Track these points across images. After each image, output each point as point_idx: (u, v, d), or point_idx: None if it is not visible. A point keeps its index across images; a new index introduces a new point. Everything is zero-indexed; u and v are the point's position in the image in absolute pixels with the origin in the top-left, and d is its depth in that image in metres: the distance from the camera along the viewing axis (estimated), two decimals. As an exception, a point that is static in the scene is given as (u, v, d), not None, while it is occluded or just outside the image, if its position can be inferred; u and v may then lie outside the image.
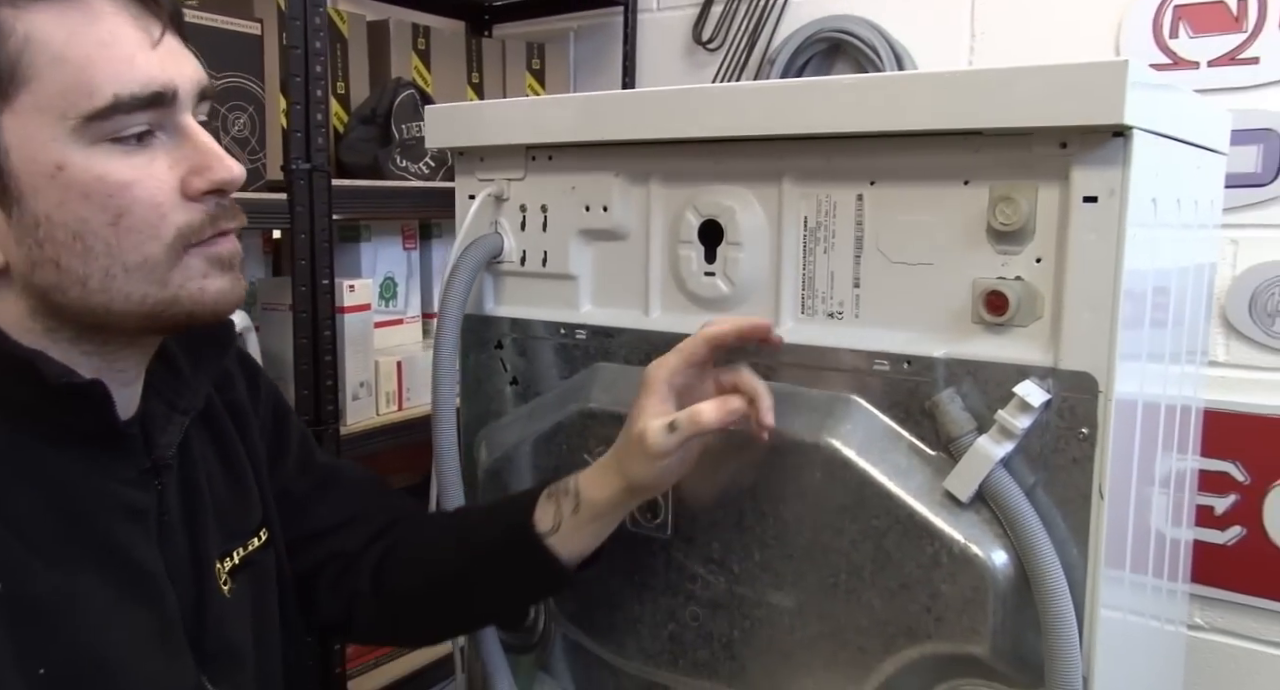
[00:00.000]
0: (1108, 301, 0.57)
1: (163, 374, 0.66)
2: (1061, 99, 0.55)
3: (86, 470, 0.60)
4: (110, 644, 0.59)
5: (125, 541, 0.61)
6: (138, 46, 0.54)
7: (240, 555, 0.70)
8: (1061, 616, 0.58)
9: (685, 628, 0.72)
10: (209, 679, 0.65)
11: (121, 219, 0.54)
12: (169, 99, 0.54)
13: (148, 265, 0.55)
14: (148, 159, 0.54)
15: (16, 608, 0.55)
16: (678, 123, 0.69)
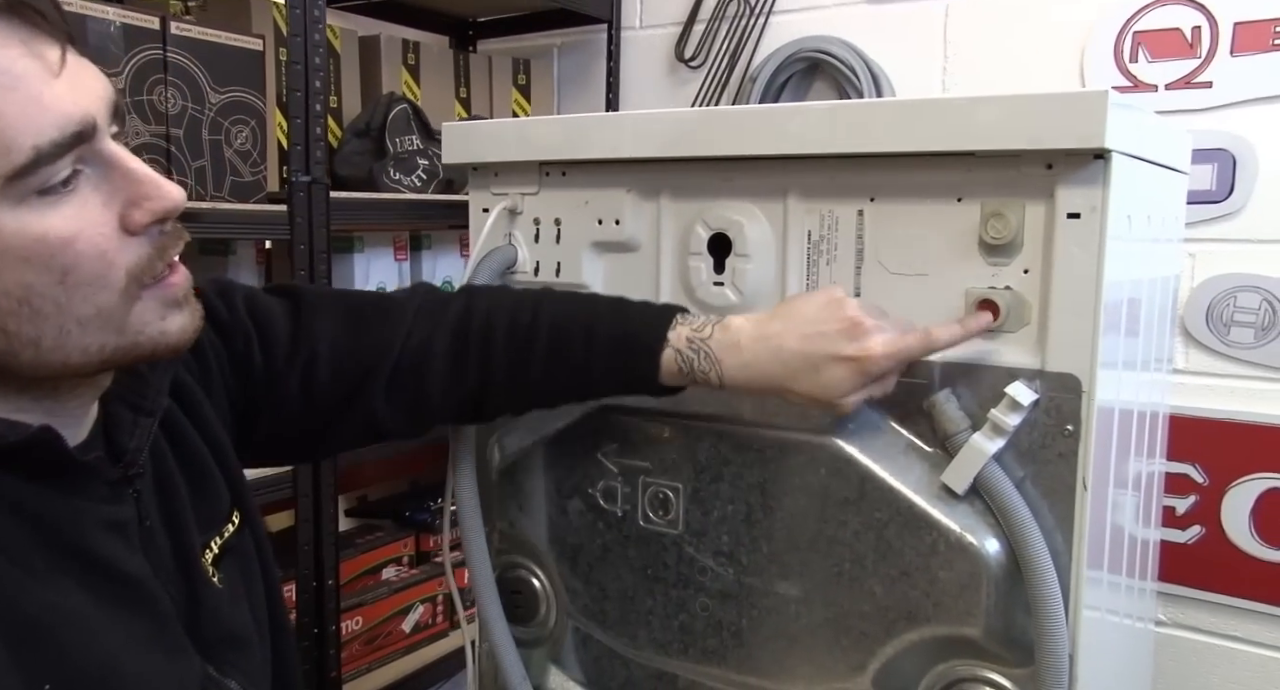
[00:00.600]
0: (1090, 309, 0.63)
1: (121, 378, 0.63)
2: (1048, 124, 0.61)
3: (60, 495, 0.58)
4: (110, 653, 0.59)
5: (109, 555, 0.60)
6: (41, 82, 0.48)
7: (219, 544, 0.69)
8: (1050, 598, 0.63)
9: (695, 617, 0.76)
10: (215, 669, 0.66)
11: (68, 276, 0.51)
12: (89, 133, 0.50)
13: (102, 315, 0.53)
14: (80, 204, 0.51)
15: (13, 628, 0.54)
16: (689, 142, 0.74)
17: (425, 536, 1.59)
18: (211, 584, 0.67)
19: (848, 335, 0.66)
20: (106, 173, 0.51)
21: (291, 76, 1.19)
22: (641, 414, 0.77)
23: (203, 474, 0.69)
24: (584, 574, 0.82)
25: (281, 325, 0.73)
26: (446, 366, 0.74)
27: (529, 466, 0.83)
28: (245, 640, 0.69)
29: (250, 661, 0.69)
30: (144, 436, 0.62)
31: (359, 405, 0.74)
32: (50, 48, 0.48)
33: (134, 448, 0.62)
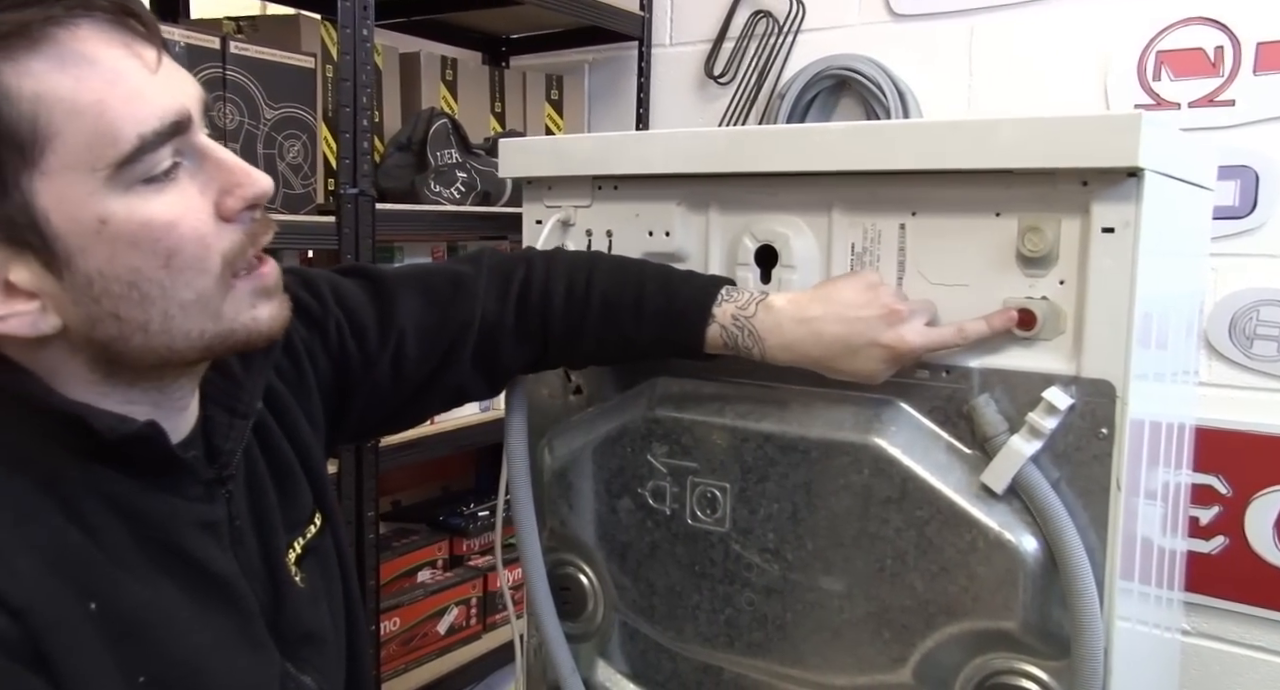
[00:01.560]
0: (1124, 318, 0.66)
1: (218, 381, 0.66)
2: (1084, 144, 0.65)
3: (157, 493, 0.61)
4: (198, 648, 0.62)
5: (201, 554, 0.63)
6: (142, 78, 0.52)
7: (301, 544, 0.72)
8: (1085, 593, 0.66)
9: (741, 612, 0.80)
10: (293, 665, 0.69)
11: (172, 259, 0.54)
12: (185, 124, 0.53)
13: (201, 300, 0.56)
14: (180, 192, 0.54)
15: (112, 623, 0.57)
16: (739, 158, 0.78)
17: (459, 540, 1.63)
18: (294, 584, 0.70)
19: (886, 321, 0.70)
20: (201, 163, 0.55)
21: (341, 93, 1.24)
22: (690, 417, 0.81)
23: (289, 477, 0.72)
24: (632, 570, 0.85)
25: (367, 310, 0.77)
26: (515, 336, 0.79)
27: (579, 468, 0.87)
28: (322, 639, 0.71)
29: (326, 659, 0.71)
30: (238, 439, 0.65)
31: (448, 377, 0.79)
32: (147, 49, 0.52)
33: (228, 449, 0.65)
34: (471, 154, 1.52)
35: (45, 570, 0.54)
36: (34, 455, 0.56)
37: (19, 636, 0.52)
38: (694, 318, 0.75)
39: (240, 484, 0.68)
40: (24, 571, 0.53)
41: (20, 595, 0.52)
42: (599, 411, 0.88)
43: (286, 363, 0.73)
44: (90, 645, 0.56)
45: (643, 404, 0.84)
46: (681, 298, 0.76)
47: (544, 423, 0.91)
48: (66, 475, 0.57)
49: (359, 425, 0.80)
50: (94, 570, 0.57)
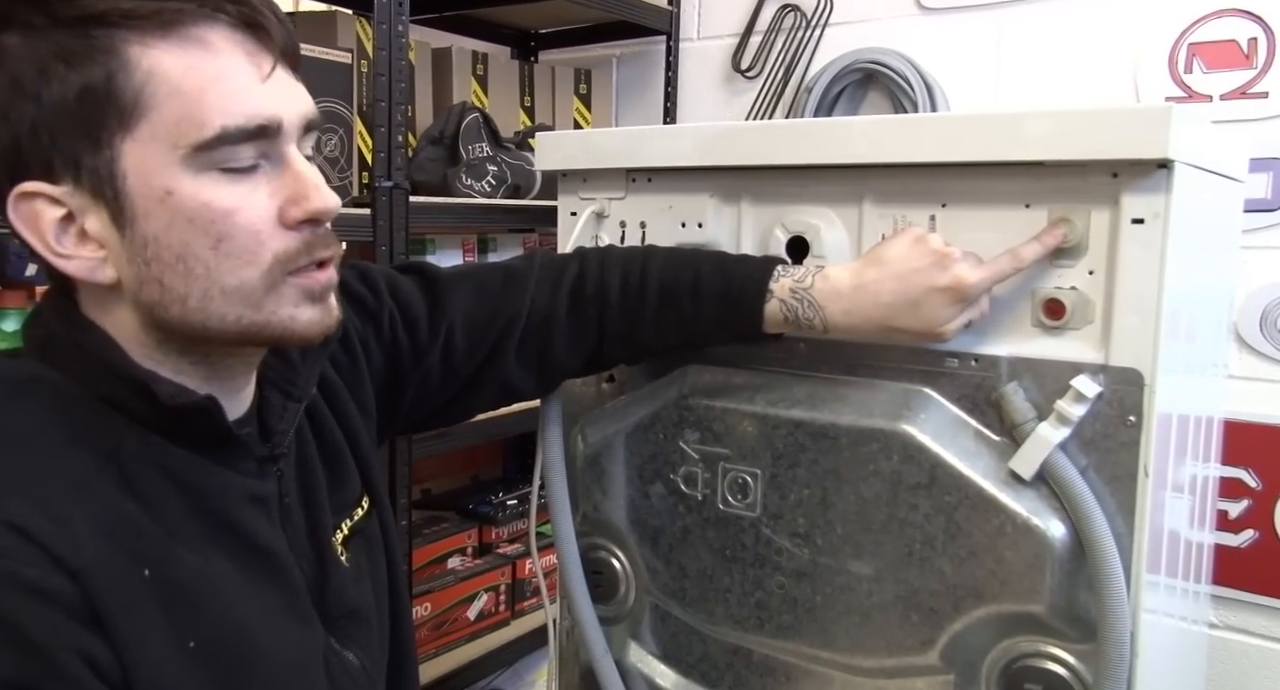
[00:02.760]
0: (1152, 307, 0.67)
1: (276, 365, 0.69)
2: (1115, 136, 0.66)
3: (211, 465, 0.64)
4: (246, 617, 0.64)
5: (251, 527, 0.66)
6: (248, 80, 0.56)
7: (349, 526, 0.75)
8: (1112, 577, 0.67)
9: (771, 595, 0.82)
10: (337, 641, 0.71)
11: (222, 244, 0.57)
12: (273, 131, 0.57)
13: (244, 290, 0.58)
14: (250, 188, 0.57)
15: (164, 590, 0.59)
16: (771, 151, 0.79)
17: (488, 528, 1.65)
18: (339, 562, 0.73)
19: (939, 266, 0.71)
20: (281, 171, 0.58)
21: (377, 87, 1.27)
22: (721, 405, 0.83)
23: (339, 461, 0.75)
24: (664, 554, 0.87)
25: (420, 304, 0.79)
26: (569, 329, 0.80)
27: (612, 454, 0.89)
28: (365, 617, 0.74)
29: (368, 637, 0.74)
30: (291, 420, 0.68)
31: (494, 369, 0.80)
32: (266, 60, 0.56)
33: (281, 429, 0.68)
34: (502, 148, 1.55)
35: (102, 537, 0.57)
36: (96, 428, 0.59)
37: (77, 596, 0.55)
38: (752, 294, 0.76)
39: (291, 464, 0.71)
40: (82, 537, 0.56)
41: (77, 558, 0.55)
42: (631, 399, 0.90)
43: (341, 352, 0.76)
44: (144, 609, 0.58)
45: (675, 391, 0.86)
46: (738, 277, 0.77)
47: (576, 410, 0.93)
48: (126, 447, 0.60)
49: (411, 416, 0.82)
50: (148, 539, 0.60)
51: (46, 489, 0.56)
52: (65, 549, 0.55)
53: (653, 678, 0.90)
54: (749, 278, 0.77)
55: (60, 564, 0.54)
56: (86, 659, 0.55)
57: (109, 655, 0.56)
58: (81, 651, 0.55)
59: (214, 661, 0.62)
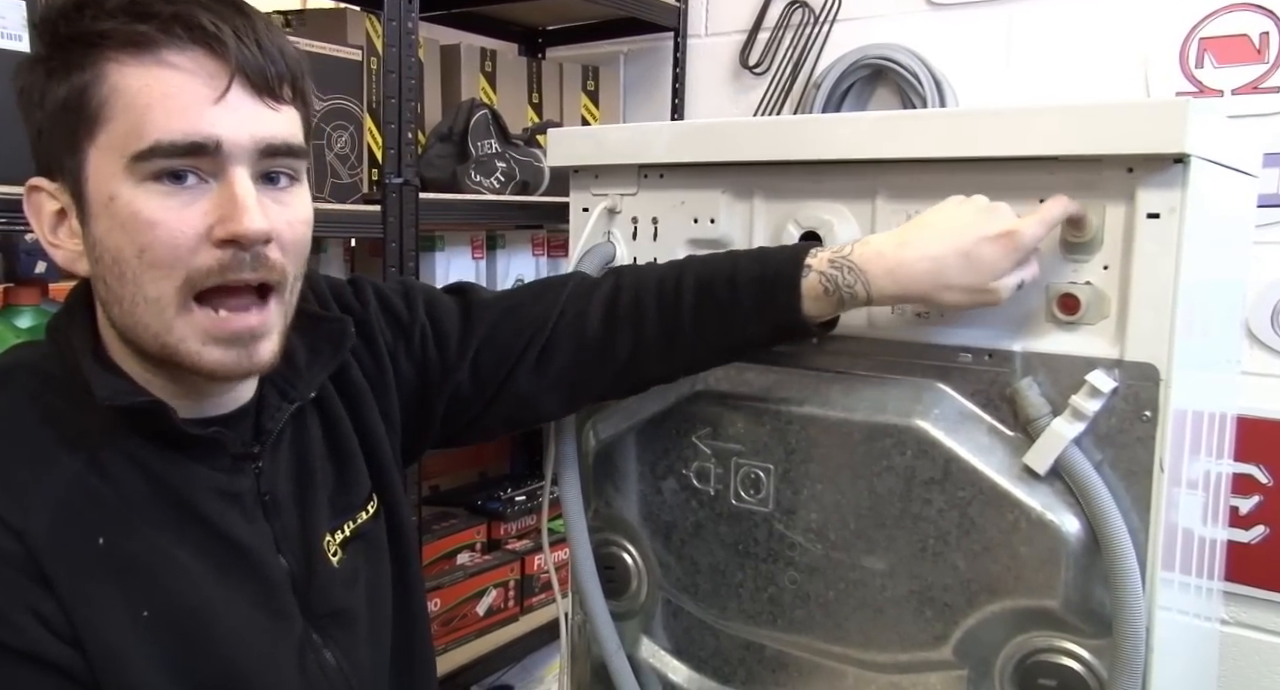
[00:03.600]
0: (1168, 302, 0.67)
1: (282, 367, 0.69)
2: (1130, 131, 0.66)
3: (179, 459, 0.66)
4: (209, 600, 0.66)
5: (221, 521, 0.67)
6: (196, 100, 0.58)
7: (351, 528, 0.76)
8: (1127, 572, 0.67)
9: (784, 590, 0.82)
10: (319, 638, 0.72)
11: (145, 253, 0.59)
12: (210, 149, 0.58)
13: (160, 303, 0.60)
14: (184, 202, 0.59)
15: (118, 559, 0.63)
16: (785, 147, 0.79)
17: (496, 524, 1.65)
18: (328, 562, 0.73)
19: (989, 217, 0.69)
20: (221, 189, 0.59)
21: (386, 84, 1.27)
22: (734, 400, 0.83)
23: (348, 463, 0.76)
24: (676, 549, 0.87)
25: (454, 320, 0.81)
26: (600, 340, 0.79)
27: (624, 450, 0.89)
28: (351, 619, 0.74)
29: (352, 638, 0.74)
30: (279, 420, 0.70)
31: (517, 383, 0.80)
32: (222, 80, 0.59)
33: (268, 428, 0.70)
34: (510, 144, 1.55)
35: (57, 506, 0.61)
36: (70, 415, 0.63)
37: (23, 555, 0.59)
38: (788, 273, 0.73)
39: (280, 461, 0.72)
40: (34, 504, 0.60)
41: (24, 521, 0.60)
42: (643, 395, 0.90)
43: (370, 361, 0.78)
44: (95, 575, 0.62)
45: (687, 387, 0.86)
46: (774, 259, 0.75)
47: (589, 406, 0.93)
48: (93, 434, 0.63)
49: (446, 430, 0.83)
50: (106, 510, 0.63)
51: (8, 464, 0.61)
52: (14, 513, 0.59)
53: (665, 673, 0.91)
54: (785, 259, 0.75)
55: (6, 525, 0.59)
56: (35, 612, 0.60)
57: (57, 612, 0.60)
58: (30, 605, 0.60)
59: (168, 634, 0.64)
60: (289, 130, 0.62)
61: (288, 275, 0.63)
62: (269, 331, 0.63)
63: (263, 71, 0.60)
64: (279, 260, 0.62)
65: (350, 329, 0.75)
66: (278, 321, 0.64)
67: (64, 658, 0.61)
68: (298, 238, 0.64)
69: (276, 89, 0.61)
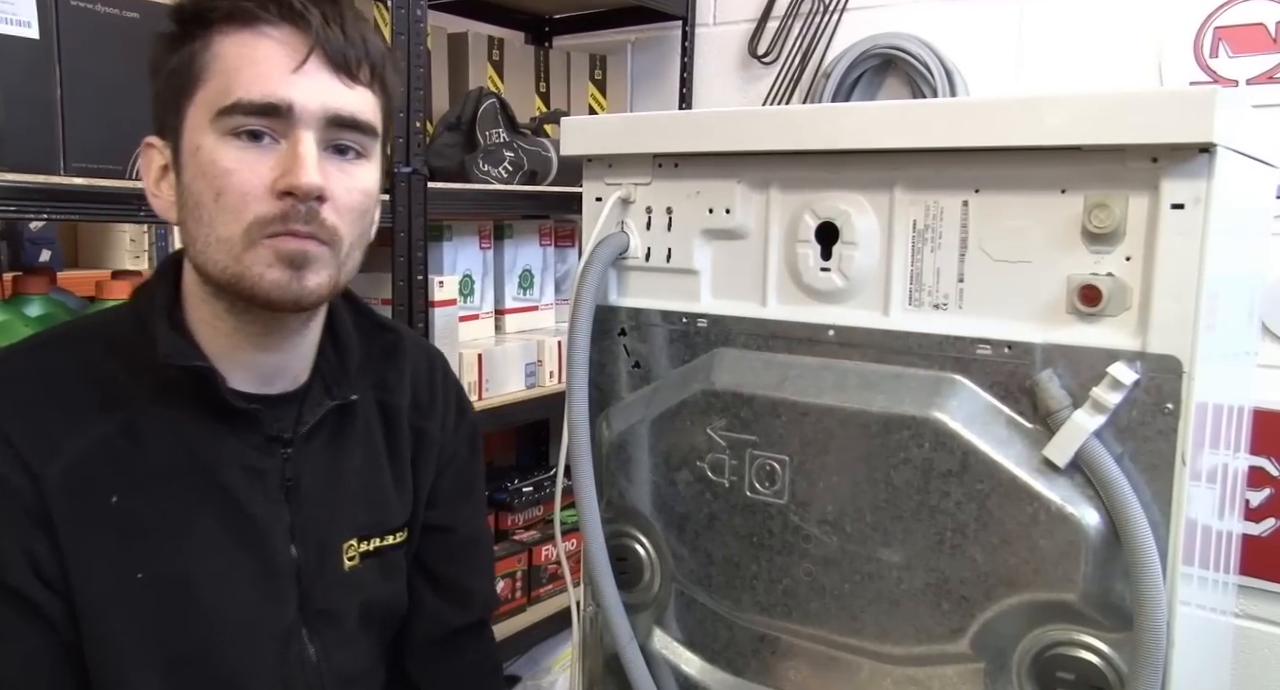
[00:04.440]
0: (1192, 294, 0.66)
1: (332, 363, 0.78)
2: (1156, 120, 0.65)
3: (216, 429, 0.71)
4: (205, 571, 0.70)
5: (241, 494, 0.72)
6: (279, 68, 0.66)
7: (376, 543, 0.80)
8: (1149, 565, 0.67)
9: (799, 582, 0.81)
10: (307, 631, 0.75)
11: (219, 197, 0.66)
12: (282, 111, 0.65)
13: (229, 241, 0.66)
14: (257, 156, 0.66)
15: (127, 519, 0.68)
16: (803, 137, 0.78)
17: (504, 515, 1.65)
18: (338, 565, 0.77)
19: None
20: (288, 148, 0.66)
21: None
22: (749, 392, 0.82)
23: (398, 488, 0.82)
24: (690, 541, 0.87)
25: (450, 487, 0.89)
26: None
27: (637, 442, 0.89)
28: (341, 621, 0.78)
29: (339, 641, 0.77)
30: (318, 413, 0.75)
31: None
32: (303, 51, 0.66)
33: (305, 419, 0.74)
34: (518, 133, 1.54)
35: (80, 459, 0.67)
36: (118, 378, 0.70)
37: (34, 498, 0.65)
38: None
39: (313, 454, 0.75)
40: (58, 454, 0.66)
41: (40, 462, 0.65)
42: (658, 386, 0.90)
43: (438, 432, 0.87)
44: (100, 529, 0.67)
45: (702, 377, 0.85)
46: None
47: (602, 398, 0.93)
48: (137, 400, 0.69)
49: None
50: (127, 472, 0.68)
51: (47, 412, 0.67)
52: (35, 457, 0.65)
53: (678, 664, 0.90)
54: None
55: (26, 467, 0.65)
56: (30, 554, 0.65)
57: (52, 558, 0.65)
58: (27, 546, 0.65)
59: (156, 599, 0.68)
60: (359, 106, 0.68)
61: (341, 237, 0.69)
62: (319, 265, 0.68)
63: (341, 50, 0.67)
64: (333, 220, 0.68)
65: (401, 348, 0.82)
66: (329, 265, 0.69)
67: (47, 602, 0.66)
68: (354, 204, 0.69)
69: (353, 68, 0.68)
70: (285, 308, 0.69)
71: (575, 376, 0.86)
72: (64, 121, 0.90)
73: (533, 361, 1.52)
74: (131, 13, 0.95)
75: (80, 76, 0.91)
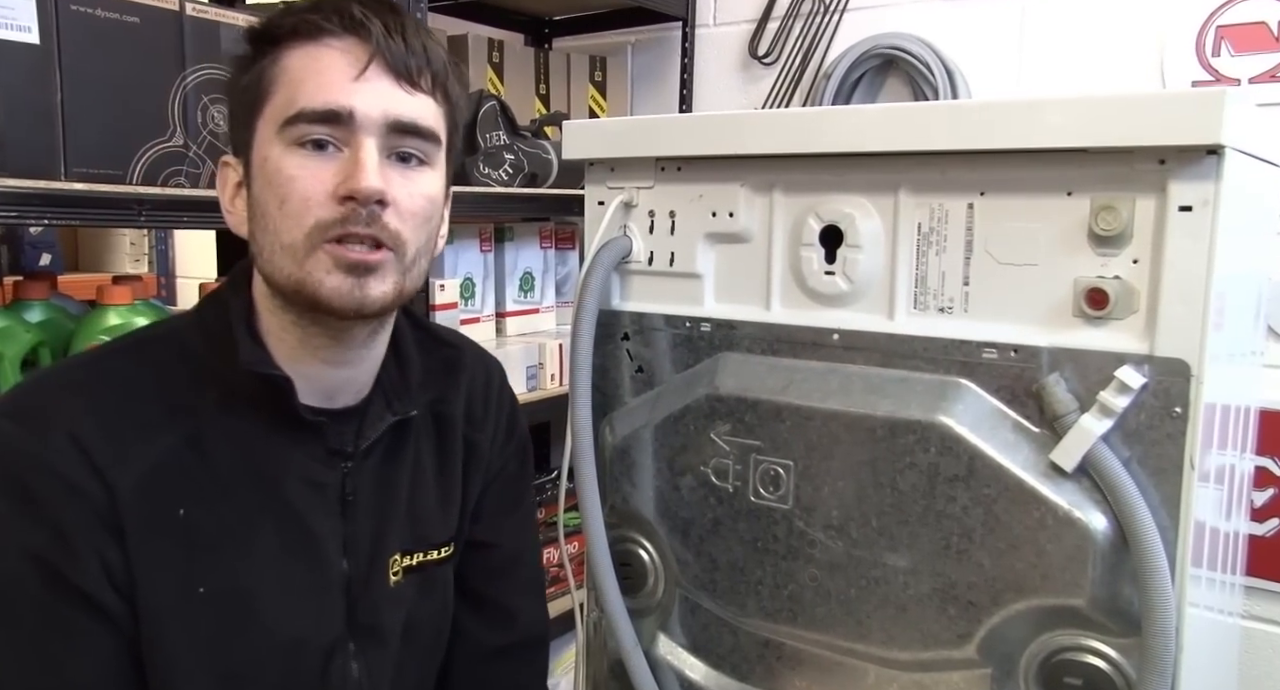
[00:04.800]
0: (1200, 297, 0.66)
1: (394, 378, 0.78)
2: (1164, 122, 0.64)
3: (280, 441, 0.71)
4: (265, 587, 0.70)
5: (303, 507, 0.72)
6: (341, 76, 0.66)
7: (418, 559, 0.79)
8: (1158, 570, 0.66)
9: (804, 588, 0.81)
10: (354, 645, 0.75)
11: (284, 205, 0.66)
12: (344, 118, 0.66)
13: (293, 247, 0.66)
14: (319, 164, 0.66)
15: (193, 531, 0.68)
16: (807, 140, 0.78)
17: (506, 518, 1.65)
18: (387, 579, 0.76)
19: None
20: (350, 154, 0.67)
21: (395, 75, 1.25)
22: (753, 396, 0.82)
23: (444, 499, 0.81)
24: (694, 546, 0.86)
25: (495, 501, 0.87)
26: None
27: (641, 446, 0.88)
28: (384, 638, 0.77)
29: (380, 657, 0.77)
30: (379, 428, 0.75)
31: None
32: (365, 60, 0.67)
33: (367, 434, 0.74)
34: (519, 136, 1.53)
35: (151, 470, 0.67)
36: (191, 390, 0.70)
37: (107, 505, 0.65)
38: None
39: (373, 469, 0.76)
40: (130, 463, 0.66)
41: (117, 476, 0.65)
42: (661, 390, 0.89)
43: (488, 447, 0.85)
44: (167, 542, 0.67)
45: (706, 382, 0.85)
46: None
47: (605, 402, 0.92)
48: (204, 410, 0.69)
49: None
50: (193, 484, 0.68)
51: (119, 422, 0.67)
52: (109, 465, 0.65)
53: (682, 670, 0.90)
54: None
55: (101, 475, 0.65)
56: (103, 560, 0.65)
57: (123, 566, 0.66)
58: (100, 551, 0.65)
59: (217, 613, 0.68)
60: (420, 113, 0.69)
61: (404, 243, 0.68)
62: (382, 272, 0.68)
63: (403, 58, 0.67)
64: (395, 225, 0.67)
65: (461, 363, 0.82)
66: (393, 272, 0.68)
67: (116, 607, 0.66)
68: (416, 209, 0.69)
69: (414, 76, 0.68)
70: (348, 315, 0.68)
71: (579, 381, 0.86)
72: (64, 126, 0.90)
73: (534, 364, 1.52)
74: (132, 17, 0.94)
75: (81, 81, 0.90)
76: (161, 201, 0.95)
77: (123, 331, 0.86)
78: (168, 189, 0.98)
